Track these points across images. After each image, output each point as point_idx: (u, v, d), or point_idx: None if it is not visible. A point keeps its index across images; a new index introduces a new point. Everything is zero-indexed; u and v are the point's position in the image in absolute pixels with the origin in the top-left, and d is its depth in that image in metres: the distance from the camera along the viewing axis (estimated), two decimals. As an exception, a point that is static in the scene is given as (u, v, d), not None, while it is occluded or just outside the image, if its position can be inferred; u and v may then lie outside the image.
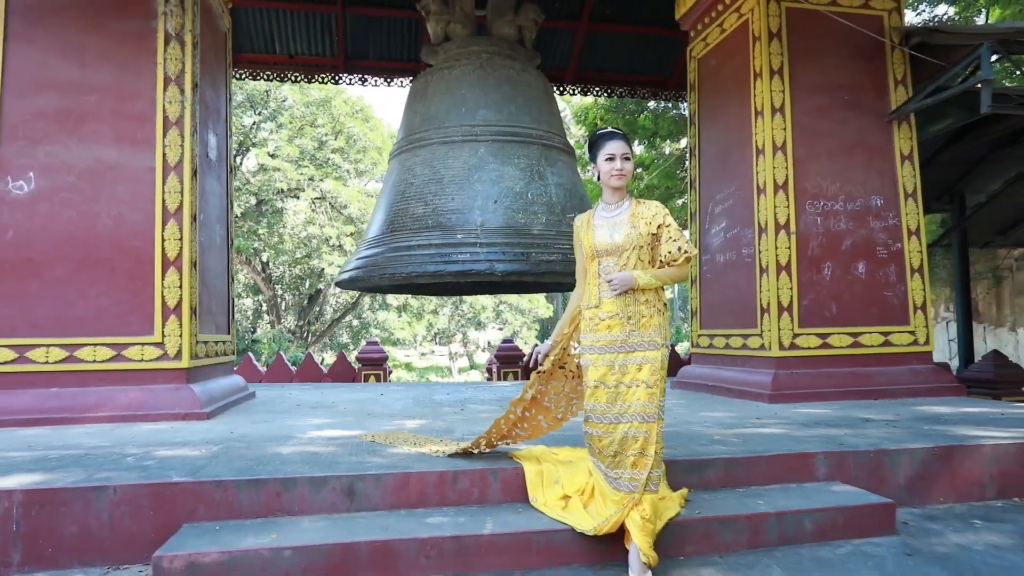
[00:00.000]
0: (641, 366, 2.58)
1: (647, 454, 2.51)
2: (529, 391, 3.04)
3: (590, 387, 2.66)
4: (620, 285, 2.61)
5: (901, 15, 6.10)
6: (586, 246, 2.75)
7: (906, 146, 6.01)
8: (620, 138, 2.75)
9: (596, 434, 2.62)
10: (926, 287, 5.94)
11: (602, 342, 2.65)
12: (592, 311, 2.70)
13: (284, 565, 2.43)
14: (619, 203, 2.77)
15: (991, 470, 3.47)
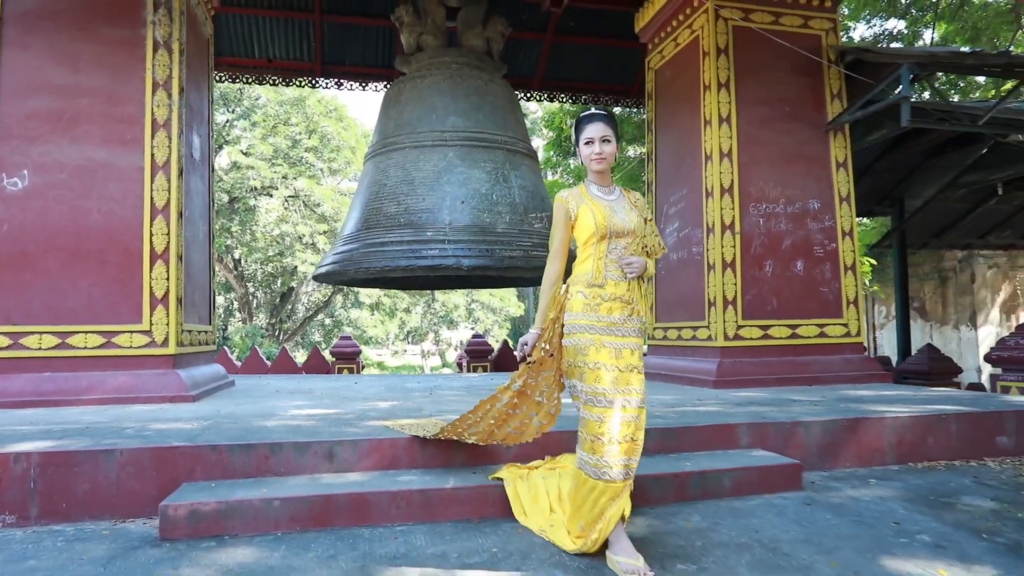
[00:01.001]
0: (634, 351, 2.58)
1: (637, 440, 2.50)
2: (517, 380, 2.87)
3: (591, 368, 2.53)
4: (638, 269, 2.59)
5: (837, 35, 6.65)
6: (599, 224, 2.60)
7: (841, 154, 6.56)
8: (601, 120, 2.65)
9: (594, 419, 2.50)
10: (858, 283, 6.50)
11: (603, 323, 2.57)
12: (595, 290, 2.60)
13: (273, 513, 2.82)
14: (610, 187, 2.73)
15: (891, 439, 3.98)
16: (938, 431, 4.07)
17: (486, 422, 3.03)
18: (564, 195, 2.76)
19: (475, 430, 3.08)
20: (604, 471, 2.45)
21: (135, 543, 2.70)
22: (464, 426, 3.10)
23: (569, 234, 2.74)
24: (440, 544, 2.67)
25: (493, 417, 3.00)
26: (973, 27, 13.47)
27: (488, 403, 3.01)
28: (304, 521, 2.84)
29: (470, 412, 3.06)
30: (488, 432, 3.05)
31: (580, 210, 2.67)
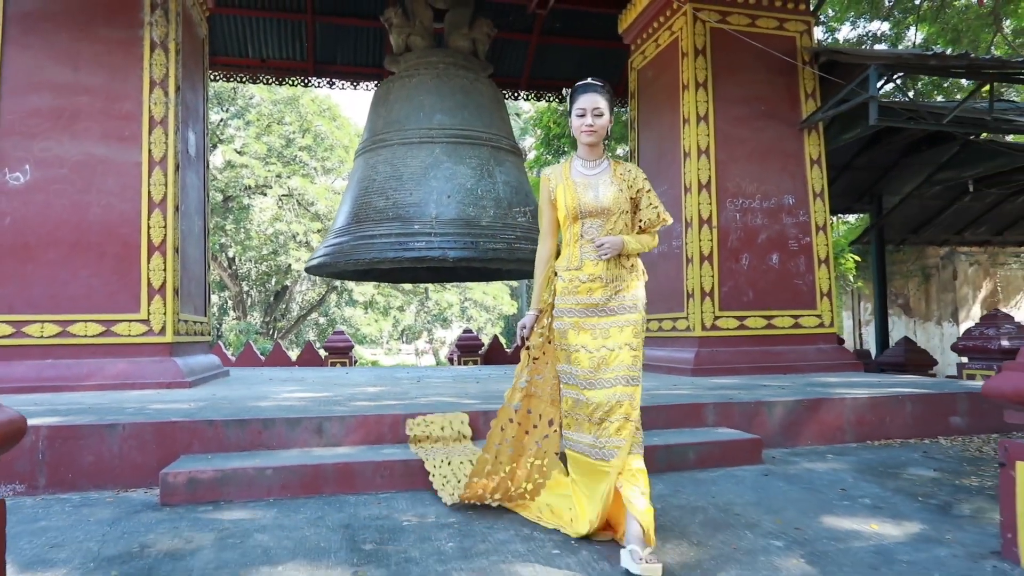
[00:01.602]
0: (623, 328, 2.49)
1: (631, 419, 2.44)
2: (523, 376, 2.74)
3: (570, 351, 2.52)
4: (610, 250, 2.50)
5: (811, 37, 6.90)
6: (569, 206, 2.55)
7: (815, 151, 6.80)
8: (595, 91, 2.56)
9: (579, 400, 2.49)
10: (831, 276, 6.74)
11: (582, 305, 2.52)
12: (572, 273, 2.55)
13: (266, 481, 3.04)
14: (598, 160, 2.61)
15: (850, 419, 4.23)
16: (895, 411, 4.32)
17: (505, 459, 2.76)
18: (547, 172, 2.72)
19: (497, 480, 2.78)
20: (597, 451, 2.43)
21: (137, 508, 2.92)
22: (484, 479, 2.80)
23: (553, 213, 2.67)
24: (420, 507, 2.90)
25: (511, 446, 2.75)
26: (954, 29, 13.77)
27: (499, 424, 2.77)
28: (295, 488, 3.06)
29: (484, 449, 2.80)
30: (511, 475, 2.77)
31: (558, 189, 2.61)
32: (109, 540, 2.51)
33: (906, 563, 2.27)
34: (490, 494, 2.80)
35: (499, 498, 2.79)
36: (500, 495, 2.79)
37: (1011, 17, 13.63)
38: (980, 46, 13.70)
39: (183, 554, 2.37)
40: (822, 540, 2.49)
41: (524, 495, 2.78)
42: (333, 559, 2.31)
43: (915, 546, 2.42)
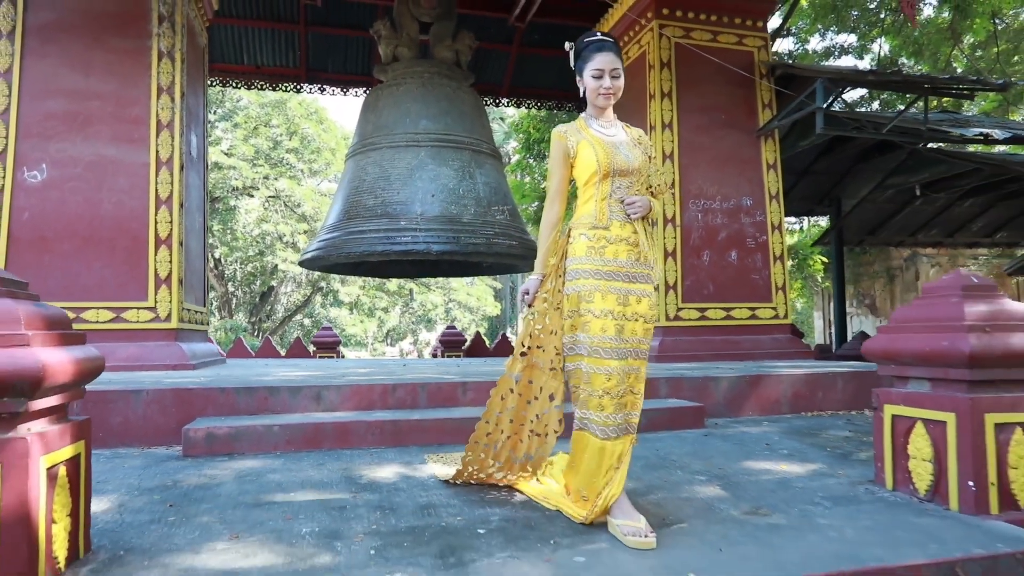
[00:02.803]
0: (641, 299, 2.41)
1: (637, 392, 2.40)
2: (524, 344, 2.61)
3: (596, 316, 2.36)
4: (641, 209, 2.42)
5: (768, 51, 7.49)
6: (601, 163, 2.41)
7: (771, 157, 7.39)
8: (610, 50, 2.47)
9: (601, 372, 2.34)
10: (785, 272, 7.33)
11: (609, 267, 2.39)
12: (600, 232, 2.42)
13: (273, 437, 3.53)
14: (612, 121, 2.55)
15: (787, 392, 4.79)
16: (827, 387, 4.89)
17: (505, 427, 2.69)
18: (562, 130, 2.57)
19: (496, 450, 2.74)
20: (613, 429, 2.33)
21: (163, 459, 3.40)
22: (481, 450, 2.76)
23: (568, 172, 2.54)
24: (406, 457, 3.40)
25: (510, 417, 2.67)
26: (915, 42, 14.50)
27: (499, 393, 2.70)
28: (298, 443, 3.55)
29: (483, 419, 2.74)
30: (512, 448, 2.71)
31: (580, 146, 2.48)
32: (146, 478, 3.00)
33: (799, 488, 2.81)
34: (492, 460, 2.74)
35: (499, 467, 2.75)
36: (501, 463, 2.74)
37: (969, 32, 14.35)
38: (940, 59, 14.44)
39: (210, 486, 2.86)
40: (738, 475, 3.03)
41: (526, 467, 2.71)
42: (334, 489, 2.82)
43: (810, 478, 2.97)
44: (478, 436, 2.76)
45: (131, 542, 2.18)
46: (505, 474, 2.78)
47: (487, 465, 2.77)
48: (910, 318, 2.71)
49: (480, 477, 2.83)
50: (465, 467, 2.81)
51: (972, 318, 2.46)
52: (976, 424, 2.40)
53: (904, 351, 2.66)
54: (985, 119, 8.83)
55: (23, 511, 1.69)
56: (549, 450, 2.65)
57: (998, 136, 6.31)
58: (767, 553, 2.08)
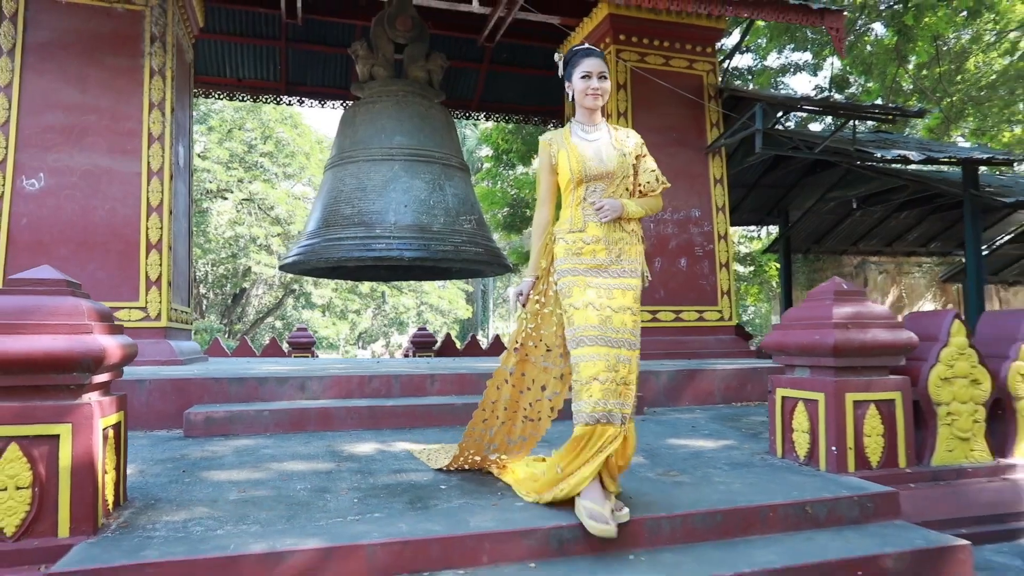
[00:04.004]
0: (625, 292, 2.52)
1: (630, 383, 2.47)
2: (518, 340, 2.73)
3: (577, 308, 2.47)
4: (611, 212, 2.52)
5: (716, 75, 8.16)
6: (573, 170, 2.55)
7: (718, 172, 8.05)
8: (597, 56, 2.60)
9: (589, 360, 2.41)
10: (731, 278, 7.99)
11: (586, 264, 2.52)
12: (576, 235, 2.56)
13: (264, 420, 4.04)
14: (597, 125, 2.65)
15: (719, 385, 5.41)
16: (755, 380, 5.52)
17: (500, 413, 2.83)
18: (547, 138, 2.71)
19: (492, 433, 2.88)
20: (603, 415, 2.37)
21: (166, 439, 3.89)
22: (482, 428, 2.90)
23: (553, 179, 2.68)
24: (382, 437, 3.94)
25: (505, 405, 2.81)
26: (864, 62, 15.39)
27: (494, 384, 2.84)
28: (286, 426, 4.06)
29: (480, 407, 2.88)
30: (507, 432, 2.87)
31: (559, 155, 2.62)
32: (156, 452, 3.50)
33: (708, 457, 3.41)
34: (488, 443, 2.89)
35: (495, 447, 2.89)
36: (497, 444, 2.88)
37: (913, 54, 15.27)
38: (887, 77, 15.34)
39: (213, 458, 3.37)
40: (661, 449, 3.62)
41: (520, 447, 2.88)
42: (320, 460, 3.34)
43: (719, 451, 3.58)
44: (475, 423, 2.90)
45: (158, 495, 2.69)
46: (499, 455, 2.94)
47: (483, 447, 2.92)
48: (796, 317, 3.33)
49: (475, 460, 3.00)
50: (462, 452, 2.96)
51: (839, 317, 3.08)
52: (839, 401, 3.02)
53: (790, 344, 3.27)
54: (911, 140, 9.62)
55: (89, 460, 2.20)
56: (542, 433, 2.86)
57: (913, 157, 7.04)
58: (666, 500, 2.66)
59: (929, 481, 3.11)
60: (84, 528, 2.18)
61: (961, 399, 3.21)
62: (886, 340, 3.08)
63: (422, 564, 2.17)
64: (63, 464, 2.17)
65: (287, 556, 2.06)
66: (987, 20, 15.68)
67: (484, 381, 4.61)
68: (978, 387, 3.25)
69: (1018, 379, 3.32)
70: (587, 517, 2.29)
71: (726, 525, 2.50)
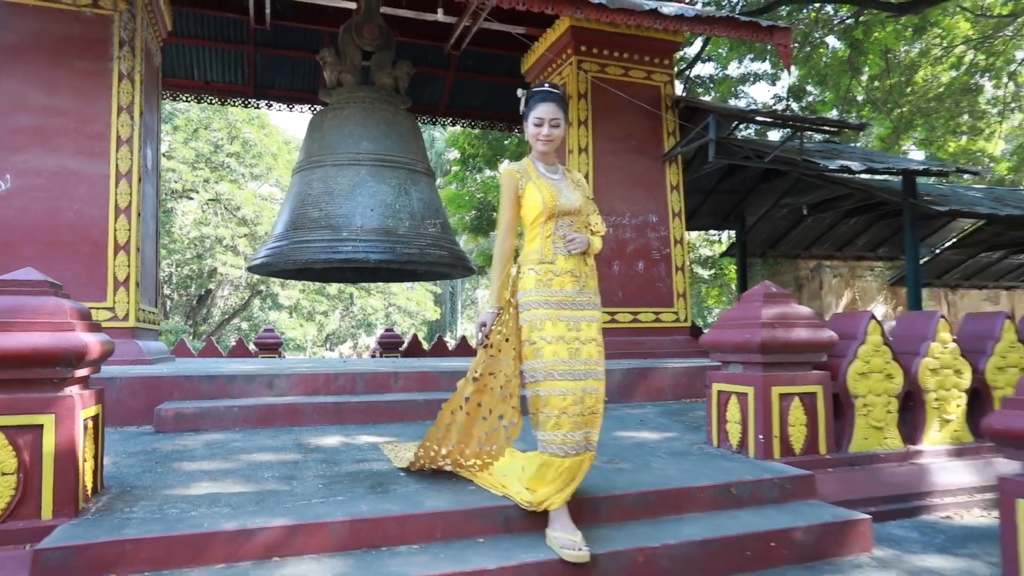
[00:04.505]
0: (591, 323, 2.65)
1: (597, 412, 2.58)
2: (477, 370, 2.75)
3: (548, 342, 2.54)
4: (581, 245, 2.64)
5: (673, 86, 8.50)
6: (547, 204, 2.64)
7: (675, 179, 8.39)
8: (554, 101, 2.70)
9: (556, 394, 2.50)
10: (686, 280, 8.33)
11: (556, 297, 2.60)
12: (546, 266, 2.64)
13: (233, 416, 4.21)
14: (555, 166, 2.80)
15: (670, 382, 5.72)
16: (704, 377, 5.80)
17: (454, 437, 2.88)
18: (513, 169, 2.78)
19: (446, 450, 2.93)
20: (572, 447, 2.48)
21: (138, 434, 4.04)
22: (435, 446, 2.96)
23: (517, 211, 2.74)
24: (347, 431, 4.14)
25: (459, 429, 2.85)
26: (819, 73, 15.97)
27: (448, 410, 2.88)
28: (254, 421, 4.24)
29: (434, 427, 2.94)
30: (459, 452, 2.91)
31: (527, 188, 2.70)
32: (128, 446, 3.66)
33: (650, 447, 3.69)
34: (441, 459, 2.95)
35: (450, 463, 2.94)
36: (451, 461, 2.94)
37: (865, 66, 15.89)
38: (841, 88, 15.94)
39: (184, 451, 3.54)
40: (608, 440, 3.89)
41: (474, 468, 2.91)
42: (288, 453, 3.54)
43: (662, 441, 3.86)
44: (429, 440, 2.95)
45: (133, 483, 2.87)
46: (454, 469, 2.98)
47: (438, 460, 2.98)
48: (730, 317, 3.63)
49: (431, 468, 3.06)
50: (417, 460, 3.03)
51: (767, 318, 3.38)
52: (766, 394, 3.32)
53: (724, 342, 3.57)
54: (856, 151, 10.09)
55: (70, 448, 2.38)
56: (497, 458, 2.84)
57: (855, 168, 7.45)
58: (606, 484, 2.92)
59: (846, 466, 3.43)
60: (66, 511, 2.35)
61: (876, 392, 3.54)
62: (809, 339, 3.39)
63: (380, 540, 2.40)
64: (47, 452, 2.34)
65: (257, 533, 2.27)
66: (935, 35, 16.40)
67: (446, 379, 4.88)
68: (891, 381, 3.58)
69: (927, 374, 3.66)
70: (560, 547, 2.42)
71: (657, 505, 2.77)
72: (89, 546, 2.13)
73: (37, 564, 2.08)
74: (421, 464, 3.02)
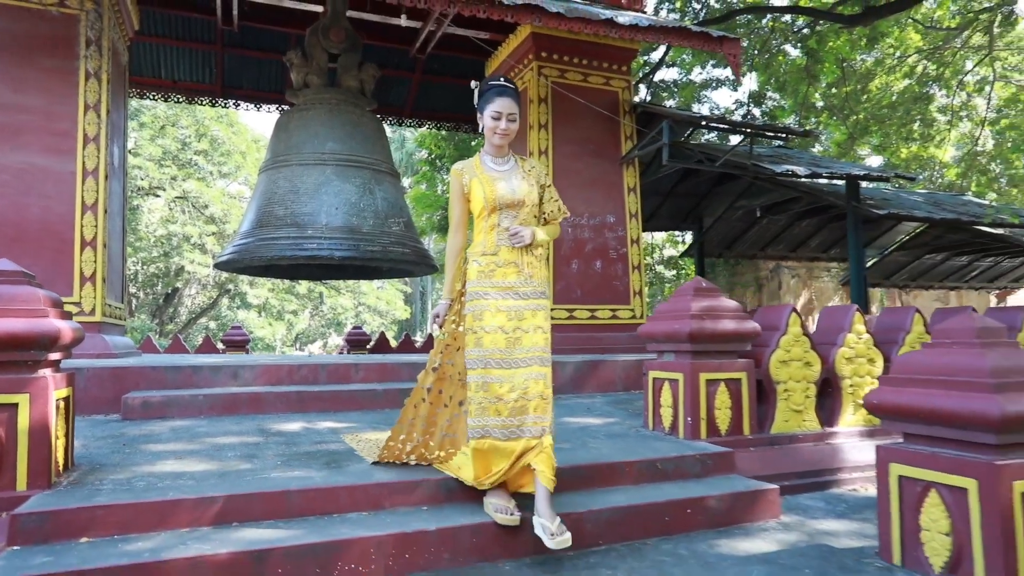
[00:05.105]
0: (535, 312, 2.69)
1: (546, 397, 2.65)
2: (435, 359, 2.88)
3: (487, 332, 2.62)
4: (524, 239, 2.69)
5: (631, 92, 8.83)
6: (488, 198, 2.71)
7: (632, 181, 8.72)
8: (510, 95, 2.73)
9: (494, 381, 2.59)
10: (642, 279, 8.67)
11: (498, 288, 2.66)
12: (489, 258, 2.71)
13: (199, 404, 4.40)
14: (505, 158, 2.83)
15: (620, 374, 6.03)
16: (652, 370, 6.15)
17: (418, 431, 2.95)
18: (459, 167, 2.84)
19: (411, 446, 2.98)
20: (510, 430, 2.57)
21: (106, 422, 4.21)
22: (399, 444, 2.99)
23: (465, 206, 2.82)
24: (308, 418, 4.36)
25: (423, 422, 2.93)
26: (778, 80, 16.49)
27: (412, 403, 2.95)
28: (219, 409, 4.44)
29: (398, 423, 3.00)
30: (424, 444, 2.96)
31: (472, 183, 2.78)
32: (96, 431, 3.84)
33: (592, 431, 3.98)
34: (406, 455, 2.98)
35: (415, 458, 2.98)
36: (415, 456, 2.98)
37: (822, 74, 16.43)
38: (799, 95, 16.47)
39: (151, 435, 3.74)
40: (556, 425, 4.15)
41: (438, 459, 2.95)
42: (250, 436, 3.75)
43: (603, 426, 4.15)
44: (393, 439, 3.01)
45: (102, 461, 3.07)
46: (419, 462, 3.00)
47: (403, 458, 3.00)
48: (664, 310, 3.93)
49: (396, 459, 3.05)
50: (382, 458, 3.04)
51: (695, 310, 3.69)
52: (694, 380, 3.63)
53: (658, 332, 3.87)
54: (804, 156, 10.55)
55: (44, 425, 2.58)
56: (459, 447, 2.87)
57: (800, 172, 7.86)
58: (544, 459, 3.19)
59: (767, 445, 3.75)
60: (40, 483, 2.56)
61: (796, 378, 3.88)
62: (734, 329, 3.71)
63: (333, 507, 2.64)
64: (21, 428, 2.54)
65: (218, 500, 2.49)
66: (889, 45, 17.05)
67: (405, 370, 5.12)
68: (810, 368, 3.92)
69: (843, 362, 4.01)
70: (494, 511, 2.59)
71: (589, 478, 3.05)
72: (63, 511, 2.34)
73: (14, 528, 2.29)
74: (387, 460, 3.04)
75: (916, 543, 2.38)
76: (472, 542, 2.54)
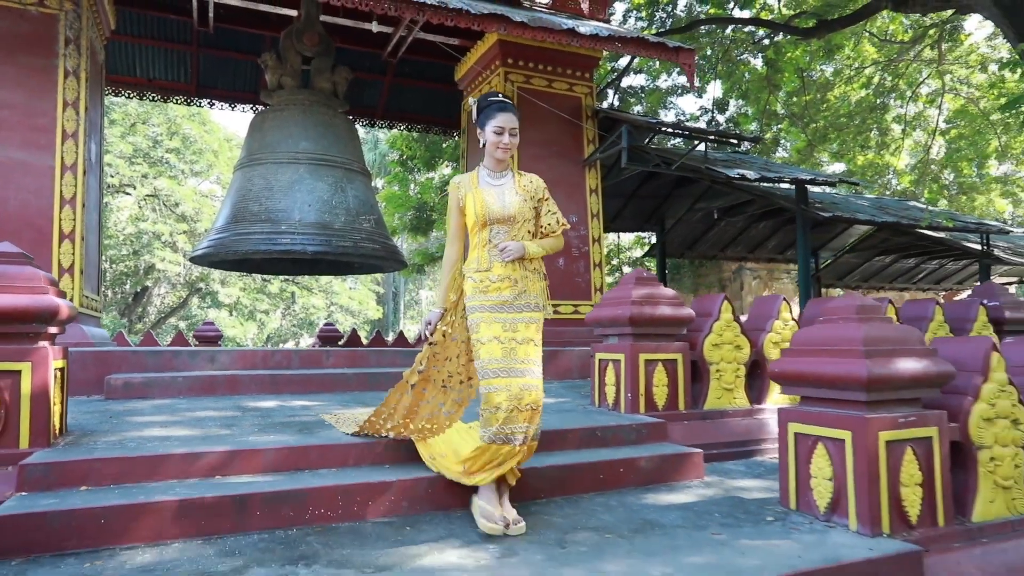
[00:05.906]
0: (528, 324, 2.76)
1: (537, 408, 2.72)
2: (422, 363, 2.97)
3: (484, 343, 2.69)
4: (513, 254, 2.74)
5: (593, 97, 9.26)
6: (479, 213, 2.77)
7: (593, 183, 9.14)
8: (511, 111, 2.81)
9: (494, 390, 2.66)
10: (603, 276, 9.09)
11: (492, 302, 2.73)
12: (482, 274, 2.76)
13: (178, 385, 4.69)
14: (503, 172, 2.88)
15: (576, 363, 6.43)
16: (608, 359, 6.56)
17: (399, 415, 3.07)
18: (457, 181, 2.93)
19: (391, 424, 3.09)
20: (504, 437, 2.65)
21: (88, 401, 4.49)
22: (380, 420, 3.12)
23: (461, 219, 2.89)
24: (282, 398, 4.68)
25: (404, 410, 3.04)
26: (741, 88, 17.11)
27: (397, 392, 3.08)
28: (198, 390, 4.73)
29: (382, 405, 3.13)
30: (403, 425, 3.06)
31: (466, 198, 2.85)
32: (83, 408, 4.12)
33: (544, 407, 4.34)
34: (385, 430, 3.11)
35: (393, 434, 3.09)
36: (394, 434, 3.09)
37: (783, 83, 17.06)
38: (761, 102, 17.09)
39: (135, 411, 4.03)
40: (510, 403, 4.53)
41: (415, 433, 3.05)
42: (229, 411, 4.07)
43: (554, 404, 4.54)
44: (376, 416, 3.14)
45: (93, 429, 3.37)
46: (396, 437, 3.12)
47: (381, 432, 3.14)
48: (609, 297, 4.33)
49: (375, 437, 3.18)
50: (362, 430, 3.19)
51: (635, 297, 4.09)
52: (634, 360, 4.03)
53: (603, 317, 4.27)
54: (756, 160, 11.09)
55: (44, 391, 2.88)
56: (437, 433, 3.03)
57: (750, 176, 8.35)
58: (497, 428, 3.56)
59: (700, 419, 4.17)
60: (40, 442, 2.86)
61: (727, 360, 4.30)
62: (671, 315, 4.12)
63: (304, 464, 2.98)
64: (24, 393, 2.84)
65: (203, 455, 2.82)
66: (847, 57, 17.77)
67: (373, 356, 5.45)
68: (740, 351, 4.34)
69: (770, 346, 4.45)
70: (479, 515, 2.64)
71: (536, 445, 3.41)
72: (65, 463, 2.64)
73: (22, 477, 2.59)
74: (365, 433, 3.18)
75: (807, 489, 2.80)
76: (428, 492, 2.90)
